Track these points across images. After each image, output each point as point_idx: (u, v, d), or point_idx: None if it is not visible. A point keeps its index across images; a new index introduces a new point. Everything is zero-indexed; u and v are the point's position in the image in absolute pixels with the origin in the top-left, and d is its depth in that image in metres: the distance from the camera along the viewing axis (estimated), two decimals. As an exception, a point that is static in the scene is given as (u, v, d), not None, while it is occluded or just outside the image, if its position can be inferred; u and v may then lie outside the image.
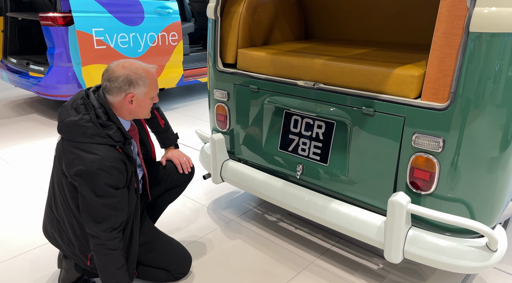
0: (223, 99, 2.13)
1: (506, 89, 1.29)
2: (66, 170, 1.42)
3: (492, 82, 1.29)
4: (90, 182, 1.38)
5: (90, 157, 1.38)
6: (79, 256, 1.59)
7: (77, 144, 1.41)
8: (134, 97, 1.48)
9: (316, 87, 1.73)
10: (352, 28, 2.44)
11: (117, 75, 1.44)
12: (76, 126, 1.42)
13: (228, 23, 2.08)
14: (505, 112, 1.31)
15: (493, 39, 1.26)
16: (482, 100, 1.32)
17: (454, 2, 1.33)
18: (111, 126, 1.46)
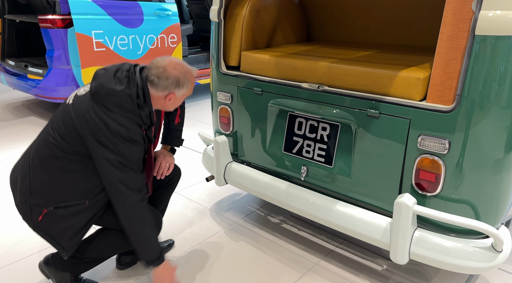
0: (227, 101, 2.14)
1: (511, 91, 1.31)
2: (89, 131, 1.43)
3: (497, 84, 1.31)
4: (111, 148, 1.42)
5: (119, 128, 1.42)
6: (31, 207, 1.51)
7: (108, 112, 1.43)
8: (174, 96, 1.55)
9: (321, 89, 1.74)
10: (354, 30, 2.46)
11: (168, 75, 1.49)
12: (114, 96, 1.44)
13: (232, 25, 2.09)
14: (510, 114, 1.33)
15: (498, 42, 1.28)
16: (487, 102, 1.33)
17: (459, 6, 1.35)
18: (145, 109, 1.50)
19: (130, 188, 1.46)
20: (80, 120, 1.44)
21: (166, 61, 1.50)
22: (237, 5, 2.09)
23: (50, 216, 1.50)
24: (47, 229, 1.51)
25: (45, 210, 1.50)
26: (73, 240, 1.54)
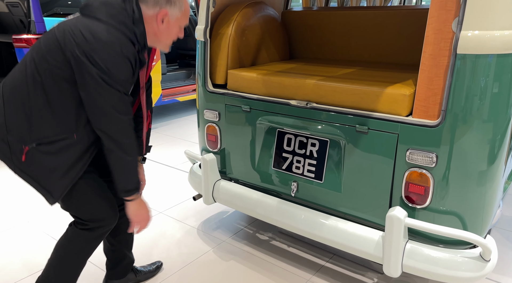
0: (214, 119, 2.14)
1: (492, 106, 1.38)
2: (75, 45, 1.27)
3: (479, 99, 1.38)
4: (104, 64, 1.26)
5: (109, 38, 1.27)
6: (10, 145, 1.35)
7: (99, 23, 1.29)
8: (166, 17, 1.41)
9: (309, 106, 1.78)
10: (335, 48, 2.54)
11: None
12: (109, 7, 1.32)
13: (218, 44, 2.11)
14: (492, 127, 1.40)
15: (477, 60, 1.35)
16: (470, 116, 1.40)
17: (440, 26, 1.43)
18: (140, 27, 1.37)
19: (117, 110, 1.31)
20: (65, 35, 1.28)
21: None
22: (223, 25, 2.12)
23: (33, 155, 1.34)
24: (32, 171, 1.36)
25: (26, 148, 1.33)
26: (62, 182, 1.38)
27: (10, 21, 4.30)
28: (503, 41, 1.31)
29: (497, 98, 1.37)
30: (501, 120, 1.40)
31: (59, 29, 1.32)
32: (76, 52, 1.26)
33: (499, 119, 1.39)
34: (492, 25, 1.31)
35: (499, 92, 1.37)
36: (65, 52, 1.28)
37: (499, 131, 1.41)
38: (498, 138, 1.42)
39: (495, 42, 1.31)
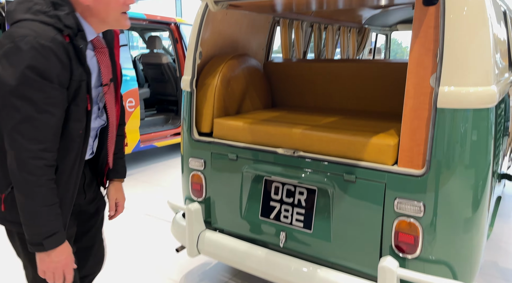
0: (199, 167, 2.12)
1: (472, 154, 1.45)
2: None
3: (460, 149, 1.45)
4: (11, 63, 1.03)
5: (22, 32, 1.05)
6: None
7: (16, 24, 1.09)
8: None
9: (297, 155, 1.80)
10: (316, 97, 2.63)
11: None
12: (23, 3, 1.13)
13: (203, 94, 2.14)
14: (473, 174, 1.46)
15: (456, 114, 1.44)
16: (453, 166, 1.46)
17: (419, 81, 1.52)
18: (63, 8, 1.12)
19: (23, 136, 1.06)
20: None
21: None
22: (209, 75, 2.17)
23: (12, 200, 1.18)
24: (16, 218, 1.17)
25: (3, 195, 1.19)
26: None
27: None
28: (478, 97, 1.41)
29: (476, 147, 1.45)
30: (481, 168, 1.46)
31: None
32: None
33: (479, 167, 1.46)
34: (467, 82, 1.41)
35: (477, 141, 1.45)
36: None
37: (480, 178, 1.47)
38: (480, 185, 1.48)
39: (471, 97, 1.40)
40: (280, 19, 2.89)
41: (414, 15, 1.52)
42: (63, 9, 1.12)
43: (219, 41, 2.33)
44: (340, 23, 3.66)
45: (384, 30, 4.71)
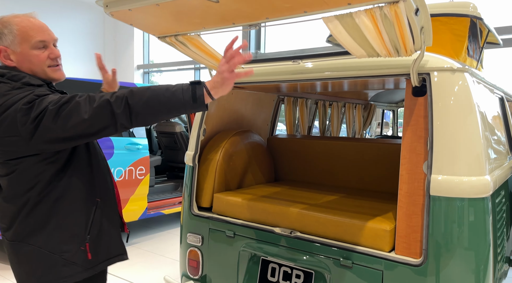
0: (197, 243, 2.10)
1: (470, 245, 1.40)
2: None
3: (457, 240, 1.41)
4: (35, 107, 1.14)
5: (17, 97, 1.16)
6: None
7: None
8: (8, 51, 1.26)
9: (293, 235, 1.78)
10: (318, 173, 2.65)
11: None
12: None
13: (205, 169, 2.20)
14: (473, 262, 1.40)
15: (450, 202, 1.43)
16: (451, 256, 1.41)
17: (412, 167, 1.54)
18: (21, 75, 1.24)
19: (80, 112, 1.14)
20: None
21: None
22: (211, 151, 2.24)
23: (94, 244, 1.33)
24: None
25: (87, 244, 1.31)
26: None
27: None
28: (472, 186, 1.40)
29: (473, 237, 1.41)
30: (480, 256, 1.41)
31: None
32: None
33: (479, 256, 1.41)
34: (460, 171, 1.42)
35: (475, 231, 1.41)
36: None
37: (480, 266, 1.41)
38: (481, 276, 1.41)
39: (465, 187, 1.40)
40: (284, 97, 3.04)
41: (405, 104, 1.59)
42: (22, 75, 1.25)
43: (224, 117, 2.45)
44: (346, 100, 3.81)
45: (390, 106, 4.84)
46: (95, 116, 1.14)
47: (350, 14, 1.27)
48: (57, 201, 1.27)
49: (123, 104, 1.14)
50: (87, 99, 1.16)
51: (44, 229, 1.27)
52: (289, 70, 1.88)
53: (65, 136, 1.15)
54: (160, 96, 1.15)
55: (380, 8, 1.21)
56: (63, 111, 1.14)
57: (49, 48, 1.31)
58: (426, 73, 1.51)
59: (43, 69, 1.30)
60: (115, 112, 1.14)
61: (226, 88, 1.20)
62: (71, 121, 1.14)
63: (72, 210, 1.30)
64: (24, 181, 1.24)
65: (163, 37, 1.80)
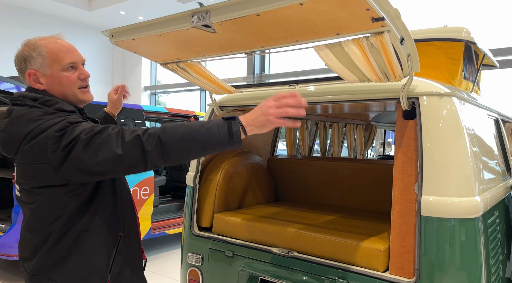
0: (197, 263, 2.13)
1: (462, 263, 1.43)
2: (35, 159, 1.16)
3: (449, 259, 1.43)
4: (69, 132, 1.13)
5: (49, 123, 1.16)
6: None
7: (27, 139, 1.16)
8: (38, 74, 1.25)
9: (291, 255, 1.81)
10: (317, 193, 2.69)
11: (16, 57, 1.28)
12: (14, 124, 1.18)
13: (206, 189, 2.25)
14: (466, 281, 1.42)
15: (441, 223, 1.46)
16: (442, 275, 1.43)
17: (404, 188, 1.58)
18: (54, 100, 1.24)
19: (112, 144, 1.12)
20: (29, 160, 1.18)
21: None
22: (212, 171, 2.30)
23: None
24: None
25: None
26: None
27: (13, 158, 4.55)
28: (462, 207, 1.44)
29: (465, 257, 1.43)
30: (472, 276, 1.42)
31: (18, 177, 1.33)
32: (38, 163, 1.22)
33: (472, 278, 1.42)
34: (449, 192, 1.45)
35: (466, 251, 1.43)
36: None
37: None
38: (476, 298, 1.42)
39: (455, 207, 1.44)
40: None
41: (396, 127, 1.64)
42: (55, 101, 1.25)
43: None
44: (346, 121, 3.87)
45: (392, 126, 4.89)
46: (126, 152, 1.09)
47: (339, 43, 1.35)
48: (80, 235, 1.23)
49: (154, 141, 1.08)
50: (119, 132, 1.12)
51: (65, 264, 1.23)
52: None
53: (93, 169, 1.11)
54: (194, 132, 1.09)
55: (366, 38, 1.29)
56: (95, 142, 1.10)
57: (79, 69, 1.31)
58: (415, 97, 1.58)
59: (73, 91, 1.29)
60: (145, 149, 1.08)
61: (264, 129, 1.14)
62: (101, 153, 1.09)
63: (94, 246, 1.25)
64: (48, 213, 1.21)
65: (165, 63, 1.90)
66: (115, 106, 1.73)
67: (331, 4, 1.11)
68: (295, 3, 1.11)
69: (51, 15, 11.25)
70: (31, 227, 1.25)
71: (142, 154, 1.09)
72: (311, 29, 1.30)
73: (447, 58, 2.55)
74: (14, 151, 1.20)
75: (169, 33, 1.46)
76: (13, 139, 1.19)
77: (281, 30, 1.33)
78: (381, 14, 1.14)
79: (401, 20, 1.23)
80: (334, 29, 1.28)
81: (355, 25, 1.23)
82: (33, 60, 1.25)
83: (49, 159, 1.14)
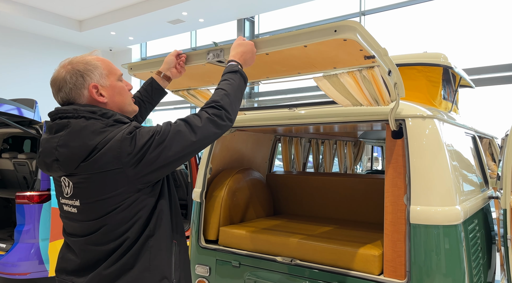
0: (205, 274, 2.27)
1: (448, 265, 1.63)
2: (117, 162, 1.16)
3: (435, 259, 1.63)
4: (140, 137, 1.17)
5: (116, 131, 1.19)
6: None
7: (96, 151, 1.16)
8: (99, 87, 1.26)
9: (294, 263, 1.98)
10: (313, 206, 2.88)
11: (63, 76, 1.24)
12: (77, 138, 1.17)
13: (211, 205, 2.42)
14: (451, 281, 1.62)
15: (427, 229, 1.66)
16: (431, 275, 1.63)
17: (394, 199, 1.79)
18: (111, 112, 1.24)
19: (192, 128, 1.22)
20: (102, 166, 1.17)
21: (55, 72, 1.29)
22: (217, 188, 2.47)
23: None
24: None
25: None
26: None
27: (13, 178, 4.61)
28: (445, 215, 1.65)
29: (449, 257, 1.63)
30: (457, 276, 1.62)
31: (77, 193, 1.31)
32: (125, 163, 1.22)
33: (455, 275, 1.62)
34: (434, 202, 1.67)
35: (450, 251, 1.64)
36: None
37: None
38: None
39: (439, 216, 1.65)
40: (281, 137, 3.32)
41: (386, 145, 1.86)
42: (112, 113, 1.26)
43: (227, 156, 2.70)
44: (337, 138, 4.10)
45: (379, 142, 5.15)
46: (201, 135, 1.22)
47: (335, 75, 1.57)
48: (149, 240, 1.25)
49: (223, 113, 1.27)
50: (188, 121, 1.23)
51: (132, 271, 1.22)
52: (285, 116, 2.17)
53: (173, 159, 1.19)
54: (235, 87, 1.34)
55: (359, 71, 1.52)
56: (167, 137, 1.19)
57: (123, 81, 1.36)
58: (402, 119, 1.80)
59: (130, 101, 1.35)
60: (220, 124, 1.26)
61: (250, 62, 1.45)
62: (179, 145, 1.19)
63: (160, 250, 1.27)
64: (124, 220, 1.21)
65: (176, 90, 2.09)
66: (170, 71, 1.65)
67: (330, 46, 1.33)
68: (300, 45, 1.33)
69: (43, 36, 11.39)
70: (99, 239, 1.23)
71: (217, 129, 1.26)
72: (312, 64, 1.52)
73: (427, 81, 2.81)
74: (76, 165, 1.18)
75: (186, 67, 1.66)
76: (77, 154, 1.17)
77: (286, 65, 1.55)
78: (372, 53, 1.36)
79: (388, 56, 1.46)
80: (332, 64, 1.50)
81: (350, 61, 1.45)
82: (91, 74, 1.25)
83: (123, 163, 1.16)
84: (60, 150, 1.19)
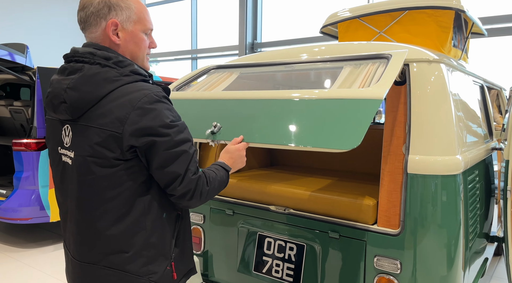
0: (199, 222, 2.28)
1: (443, 216, 1.59)
2: (120, 127, 1.09)
3: (431, 210, 1.59)
4: (157, 114, 1.10)
5: (137, 94, 1.10)
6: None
7: (105, 101, 1.11)
8: (119, 27, 1.17)
9: (287, 212, 1.96)
10: (310, 158, 2.83)
11: (88, 5, 1.15)
12: (88, 83, 1.11)
13: (206, 154, 2.37)
14: (445, 233, 1.59)
15: (425, 179, 1.60)
16: (425, 225, 1.60)
17: (393, 149, 1.71)
18: (127, 61, 1.17)
19: (183, 168, 1.16)
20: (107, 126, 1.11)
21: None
22: (212, 137, 2.41)
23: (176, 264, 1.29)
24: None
25: (172, 263, 1.27)
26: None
27: (10, 125, 4.58)
28: (445, 164, 1.58)
29: (446, 208, 1.59)
30: (452, 227, 1.59)
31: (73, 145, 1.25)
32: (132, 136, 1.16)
33: (451, 226, 1.59)
34: (434, 152, 1.59)
35: (447, 203, 1.59)
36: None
37: (452, 237, 1.59)
38: (453, 244, 1.60)
39: (438, 165, 1.58)
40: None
41: (387, 93, 1.75)
42: (128, 62, 1.18)
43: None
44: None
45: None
46: (187, 181, 1.16)
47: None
48: (144, 215, 1.17)
49: (207, 189, 1.22)
50: (202, 177, 1.21)
51: (131, 249, 1.17)
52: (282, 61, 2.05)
53: (165, 170, 1.14)
54: (219, 179, 1.29)
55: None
56: (182, 155, 1.14)
57: (150, 37, 1.28)
58: (406, 64, 1.68)
59: (144, 55, 1.26)
60: (203, 189, 1.20)
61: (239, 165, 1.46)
62: (176, 165, 1.14)
63: (157, 225, 1.20)
64: (108, 188, 1.14)
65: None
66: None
67: None
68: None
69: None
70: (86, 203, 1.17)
71: (197, 190, 1.18)
72: None
73: (437, 26, 2.62)
74: (82, 112, 1.13)
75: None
76: (86, 99, 1.12)
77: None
78: None
79: None
80: None
81: None
82: (120, 11, 1.17)
83: (124, 130, 1.09)
84: (69, 92, 1.13)
